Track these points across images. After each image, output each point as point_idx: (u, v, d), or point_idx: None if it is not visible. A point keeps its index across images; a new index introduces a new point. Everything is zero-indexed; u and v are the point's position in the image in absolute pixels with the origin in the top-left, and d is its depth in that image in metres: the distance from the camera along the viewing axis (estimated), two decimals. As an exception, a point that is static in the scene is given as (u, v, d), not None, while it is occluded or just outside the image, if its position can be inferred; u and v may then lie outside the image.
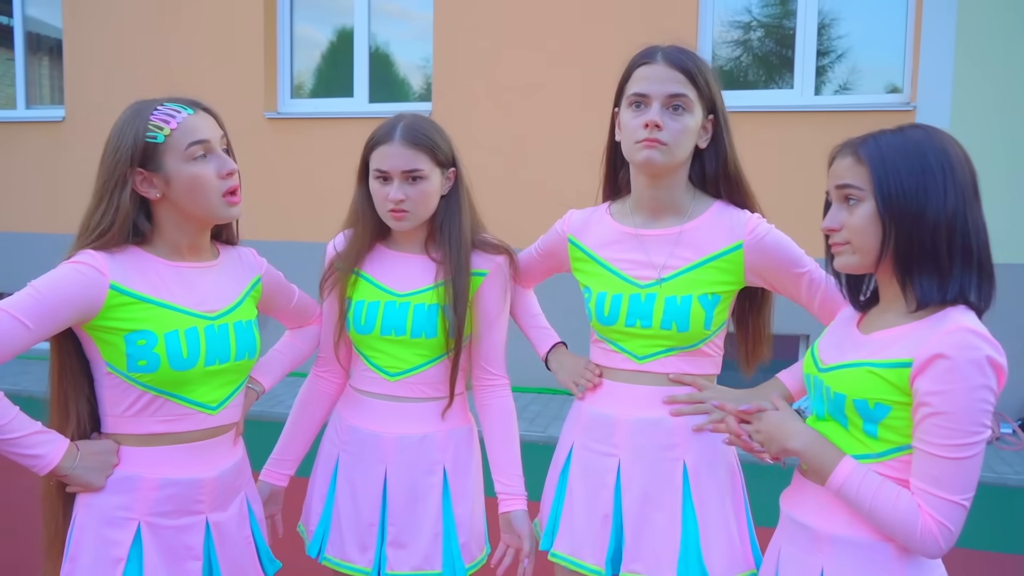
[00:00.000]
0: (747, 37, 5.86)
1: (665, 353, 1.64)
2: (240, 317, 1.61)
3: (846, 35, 5.65)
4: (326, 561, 1.82)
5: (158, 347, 1.46)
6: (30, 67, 7.30)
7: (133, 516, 1.49)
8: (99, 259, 1.45)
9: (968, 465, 1.22)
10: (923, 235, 1.26)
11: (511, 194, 5.67)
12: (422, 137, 1.69)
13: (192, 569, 1.54)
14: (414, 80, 6.53)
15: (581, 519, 1.70)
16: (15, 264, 7.08)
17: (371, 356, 1.79)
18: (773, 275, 1.62)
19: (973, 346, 1.20)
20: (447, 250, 1.74)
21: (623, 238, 1.69)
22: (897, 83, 5.56)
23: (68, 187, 6.88)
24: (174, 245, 1.56)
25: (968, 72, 5.23)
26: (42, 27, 7.32)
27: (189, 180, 1.48)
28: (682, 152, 1.58)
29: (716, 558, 1.59)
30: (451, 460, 1.80)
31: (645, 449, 1.64)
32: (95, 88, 6.74)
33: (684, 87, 1.55)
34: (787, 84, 5.75)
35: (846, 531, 1.33)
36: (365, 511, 1.78)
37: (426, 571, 1.75)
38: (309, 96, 6.62)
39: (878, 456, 1.32)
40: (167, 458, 1.51)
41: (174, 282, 1.53)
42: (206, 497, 1.56)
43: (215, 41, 6.42)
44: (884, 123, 5.44)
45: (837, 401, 1.34)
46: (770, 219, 1.67)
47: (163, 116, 1.48)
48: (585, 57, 5.48)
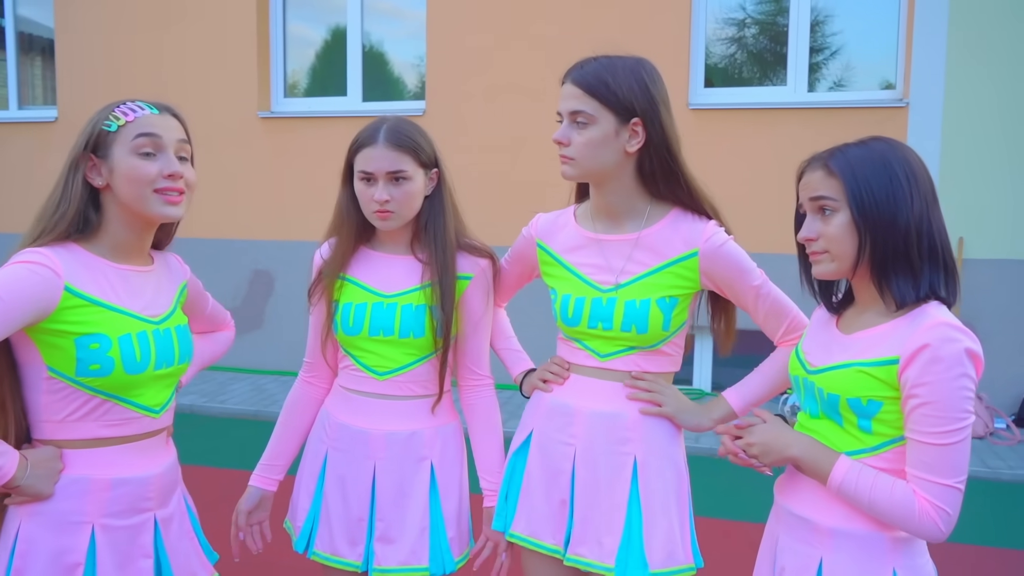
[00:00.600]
0: (741, 34, 5.86)
1: (626, 352, 1.71)
2: (178, 322, 1.63)
3: (839, 32, 5.66)
4: (315, 556, 1.84)
5: (112, 351, 1.45)
6: (22, 68, 7.28)
7: (87, 519, 1.47)
8: (53, 259, 1.43)
9: (957, 449, 1.30)
10: (896, 239, 1.36)
11: (504, 193, 5.67)
12: (405, 139, 1.73)
13: (144, 567, 1.54)
14: (408, 79, 6.53)
15: (540, 503, 1.76)
16: (8, 265, 7.05)
17: (359, 356, 1.82)
18: (725, 283, 1.69)
19: (953, 339, 1.29)
20: (433, 250, 1.79)
21: (586, 243, 1.75)
22: (890, 79, 5.57)
23: (61, 188, 6.85)
24: (118, 244, 1.54)
25: (961, 68, 5.24)
26: (34, 27, 7.29)
27: (127, 171, 1.48)
28: (593, 162, 1.64)
29: (656, 549, 1.65)
30: (438, 456, 1.84)
31: (600, 441, 1.70)
32: (87, 89, 6.71)
33: (581, 103, 1.63)
34: (781, 81, 5.75)
35: (844, 524, 1.40)
36: (355, 506, 1.81)
37: (413, 566, 1.78)
38: (303, 95, 6.61)
39: (873, 450, 1.39)
40: (114, 459, 1.50)
41: (120, 285, 1.52)
42: (153, 494, 1.56)
43: (208, 41, 6.40)
44: (878, 120, 5.45)
45: (831, 401, 1.41)
46: (763, 216, 1.70)
47: (124, 109, 1.52)
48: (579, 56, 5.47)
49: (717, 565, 3.27)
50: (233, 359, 6.37)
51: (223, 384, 5.94)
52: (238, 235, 6.19)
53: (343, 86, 6.41)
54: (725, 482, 4.29)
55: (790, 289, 1.70)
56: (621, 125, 1.63)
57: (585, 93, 1.63)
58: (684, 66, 5.62)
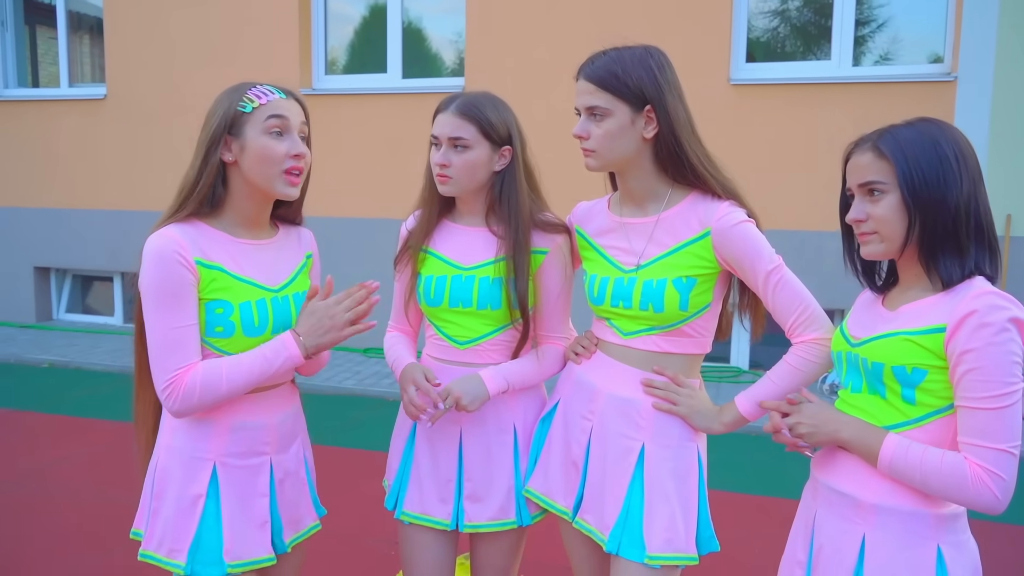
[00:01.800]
0: (784, 7, 5.74)
1: (646, 332, 1.75)
2: (298, 289, 1.76)
3: (886, 3, 5.50)
4: (404, 515, 1.93)
5: (233, 315, 1.62)
6: (72, 46, 7.41)
7: (209, 457, 1.65)
8: (179, 239, 1.58)
9: (1008, 413, 1.30)
10: (945, 220, 1.37)
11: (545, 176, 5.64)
12: (472, 109, 1.82)
13: (261, 505, 1.69)
14: (446, 55, 6.51)
15: (556, 467, 1.85)
16: (59, 239, 7.24)
17: (441, 326, 1.91)
18: (737, 264, 1.69)
19: (1000, 306, 1.30)
20: (507, 225, 1.85)
21: (614, 226, 1.82)
22: (938, 52, 5.41)
23: (109, 164, 7.00)
24: (240, 217, 1.69)
25: (1012, 41, 5.07)
26: (83, 6, 7.41)
27: (259, 149, 1.61)
28: (613, 153, 1.70)
29: (655, 534, 1.68)
30: (521, 420, 1.92)
31: (613, 423, 1.77)
32: (136, 66, 6.83)
33: (595, 97, 1.68)
34: (825, 55, 5.62)
35: (888, 500, 1.40)
36: (444, 468, 1.90)
37: (502, 520, 1.89)
38: (343, 72, 6.63)
39: (916, 421, 1.39)
40: (234, 405, 1.66)
41: (241, 257, 1.67)
42: (270, 440, 1.71)
43: (251, 19, 6.46)
44: (925, 94, 5.30)
45: (876, 370, 1.42)
46: (805, 192, 1.67)
47: (257, 92, 1.64)
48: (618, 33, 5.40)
49: (750, 539, 3.27)
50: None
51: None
52: (280, 211, 6.23)
53: (383, 63, 6.43)
54: (762, 459, 4.27)
55: (835, 267, 1.68)
56: (636, 114, 1.68)
57: (598, 88, 1.68)
58: (726, 41, 5.53)
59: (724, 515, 3.56)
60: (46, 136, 7.19)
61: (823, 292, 1.81)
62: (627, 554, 1.69)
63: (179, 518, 1.63)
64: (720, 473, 4.04)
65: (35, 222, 7.29)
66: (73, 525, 3.39)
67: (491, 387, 1.83)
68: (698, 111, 1.77)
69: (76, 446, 4.38)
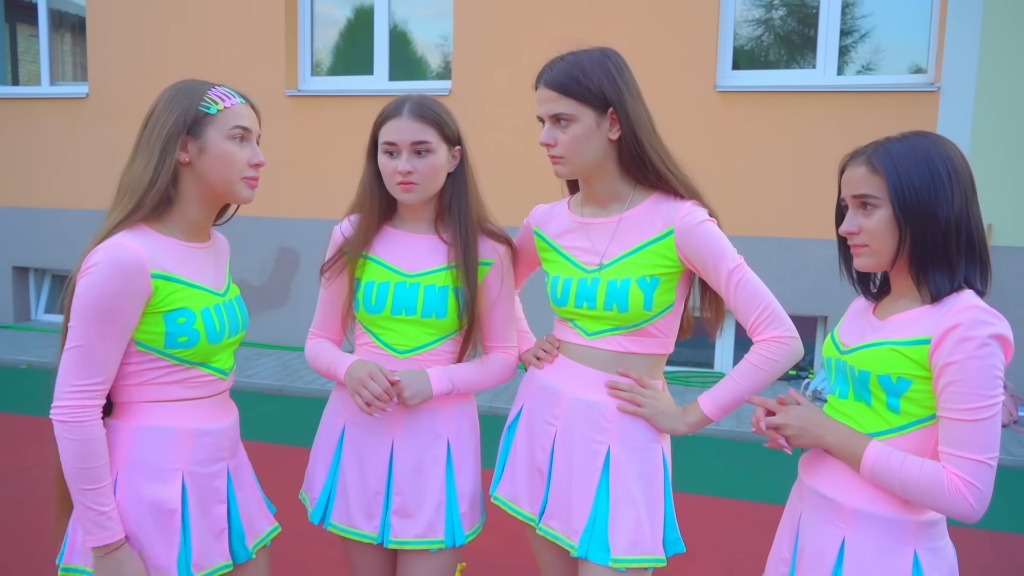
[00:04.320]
0: (769, 16, 5.78)
1: (610, 331, 1.73)
2: (235, 293, 1.75)
3: (870, 14, 5.55)
4: (331, 527, 1.88)
5: (197, 324, 1.58)
6: (53, 44, 7.34)
7: (178, 467, 1.59)
8: (136, 249, 1.50)
9: (987, 426, 1.32)
10: (935, 235, 1.38)
11: (526, 174, 5.65)
12: (429, 112, 1.77)
13: (219, 512, 1.66)
14: (432, 59, 6.51)
15: (522, 473, 1.84)
16: (38, 239, 7.16)
17: (379, 334, 1.84)
18: (699, 263, 1.68)
19: (984, 321, 1.31)
20: (457, 230, 1.81)
21: (575, 227, 1.80)
22: (921, 63, 5.47)
23: (91, 164, 6.93)
24: (187, 222, 1.63)
25: (994, 53, 5.13)
26: (65, 4, 7.34)
27: (222, 154, 1.58)
28: (583, 157, 1.69)
29: (620, 537, 1.67)
30: (455, 433, 1.87)
31: (578, 427, 1.75)
32: (118, 65, 6.77)
33: (559, 104, 1.67)
34: (809, 64, 5.67)
35: (869, 506, 1.42)
36: (372, 480, 1.84)
37: (429, 539, 1.83)
38: (328, 74, 6.61)
39: (899, 429, 1.41)
40: (194, 412, 1.63)
41: (190, 262, 1.62)
42: (227, 444, 1.69)
43: (236, 19, 6.42)
44: (908, 104, 5.35)
45: (862, 378, 1.44)
46: (791, 201, 1.68)
47: (220, 94, 1.60)
48: (606, 39, 5.43)
49: (734, 543, 3.28)
50: (259, 335, 6.43)
51: (249, 359, 6.01)
52: (264, 213, 6.20)
53: (369, 65, 6.41)
54: (744, 464, 4.29)
55: (818, 273, 1.69)
56: (600, 117, 1.68)
57: (561, 94, 1.67)
58: (712, 48, 5.56)
59: (692, 517, 3.57)
60: (26, 134, 7.11)
61: (806, 299, 1.81)
62: (594, 558, 1.68)
63: (159, 538, 1.55)
64: (689, 477, 4.06)
65: (14, 221, 7.20)
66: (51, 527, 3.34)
67: (436, 386, 1.79)
68: (684, 117, 1.78)
69: (54, 447, 4.32)
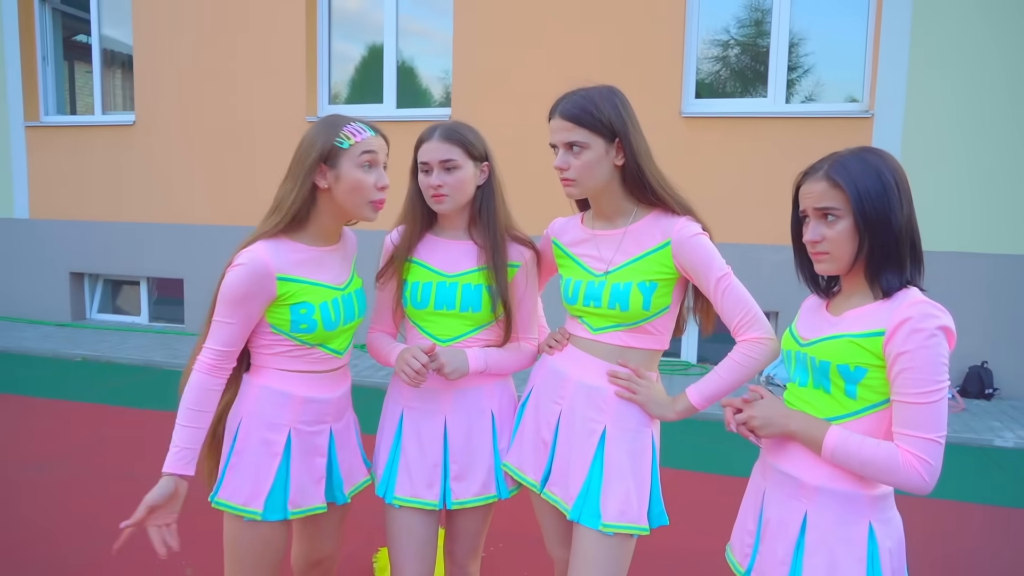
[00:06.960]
0: (726, 54, 5.80)
1: (613, 328, 1.75)
2: (356, 286, 1.85)
3: (812, 52, 5.58)
4: (395, 500, 1.88)
5: (315, 314, 1.69)
6: (105, 79, 7.30)
7: (286, 423, 1.73)
8: (265, 258, 1.64)
9: (936, 408, 1.31)
10: (889, 240, 1.37)
11: (510, 188, 5.65)
12: (455, 134, 1.82)
13: (319, 464, 1.78)
14: (435, 89, 6.50)
15: (528, 444, 1.87)
16: (92, 248, 7.13)
17: (425, 326, 1.89)
18: (692, 271, 1.69)
19: (931, 314, 1.31)
20: (487, 234, 1.86)
21: (587, 238, 1.83)
22: (856, 95, 5.50)
23: (137, 181, 6.91)
24: (320, 232, 1.75)
25: (921, 84, 5.17)
26: (116, 44, 7.31)
27: (353, 181, 1.67)
28: (592, 180, 1.71)
29: (611, 506, 1.69)
30: (497, 406, 1.92)
31: (580, 407, 1.77)
32: (161, 96, 6.75)
33: (574, 133, 1.68)
34: (761, 94, 5.69)
35: (828, 483, 1.41)
36: (430, 454, 1.88)
37: (484, 496, 1.89)
38: (344, 103, 6.60)
39: (855, 414, 1.40)
40: (307, 383, 1.75)
41: (317, 263, 1.73)
42: (331, 411, 1.80)
43: (263, 55, 6.41)
44: (846, 128, 5.37)
45: (823, 368, 1.42)
46: (748, 212, 1.67)
47: (352, 130, 1.68)
48: (587, 73, 5.43)
49: (703, 511, 3.28)
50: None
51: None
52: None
53: (380, 95, 6.40)
54: (710, 443, 4.30)
55: (771, 274, 1.69)
56: (609, 145, 1.69)
57: (576, 125, 1.68)
58: (678, 80, 5.58)
59: (676, 490, 3.58)
60: (82, 157, 7.08)
61: (759, 296, 1.81)
62: (586, 522, 1.68)
63: (258, 474, 1.69)
64: (674, 454, 4.07)
65: (71, 232, 7.17)
66: (103, 499, 3.33)
67: (473, 364, 1.82)
68: (654, 139, 1.77)
69: (105, 431, 4.30)
